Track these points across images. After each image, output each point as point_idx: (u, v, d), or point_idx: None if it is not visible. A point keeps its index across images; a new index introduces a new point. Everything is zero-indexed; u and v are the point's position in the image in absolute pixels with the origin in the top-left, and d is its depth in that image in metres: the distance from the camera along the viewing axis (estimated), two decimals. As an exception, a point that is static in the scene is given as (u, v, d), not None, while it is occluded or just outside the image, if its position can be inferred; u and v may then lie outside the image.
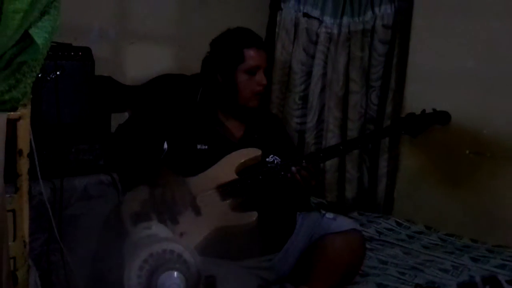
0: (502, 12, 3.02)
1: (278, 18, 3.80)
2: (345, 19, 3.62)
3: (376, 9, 3.51)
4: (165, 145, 2.38)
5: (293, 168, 2.29)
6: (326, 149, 2.45)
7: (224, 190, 2.28)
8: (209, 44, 2.50)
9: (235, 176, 2.31)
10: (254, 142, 2.43)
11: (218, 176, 2.31)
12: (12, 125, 1.58)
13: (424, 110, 2.51)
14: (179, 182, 2.23)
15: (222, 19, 3.42)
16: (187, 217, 2.20)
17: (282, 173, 2.32)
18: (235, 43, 2.42)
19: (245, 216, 2.24)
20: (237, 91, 2.40)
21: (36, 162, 1.87)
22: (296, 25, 3.76)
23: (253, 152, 2.37)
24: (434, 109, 2.52)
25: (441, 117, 2.53)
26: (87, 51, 2.50)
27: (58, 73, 2.33)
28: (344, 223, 2.39)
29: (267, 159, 2.42)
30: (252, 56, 2.40)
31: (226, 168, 2.32)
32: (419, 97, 3.25)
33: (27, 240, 1.72)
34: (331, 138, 3.67)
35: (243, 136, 2.47)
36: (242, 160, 2.34)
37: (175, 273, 1.58)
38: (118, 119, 2.89)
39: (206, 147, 2.39)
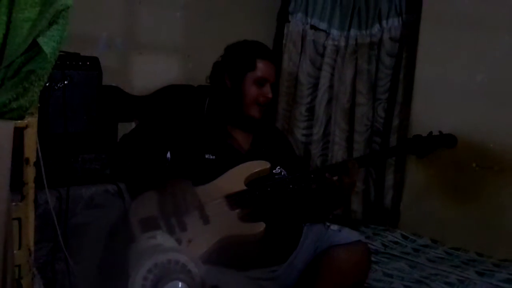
0: (510, 26, 3.02)
1: (285, 30, 3.81)
2: (352, 32, 3.63)
3: (384, 22, 3.51)
4: (168, 155, 2.40)
5: (327, 174, 2.33)
6: (332, 165, 2.46)
7: (233, 200, 2.29)
8: (224, 49, 2.54)
9: (243, 187, 2.32)
10: (261, 154, 2.45)
11: (227, 186, 2.32)
12: (19, 133, 1.60)
13: (431, 132, 2.51)
14: (188, 187, 2.23)
15: (229, 31, 3.44)
16: (195, 224, 2.21)
17: (291, 186, 2.34)
18: (249, 51, 2.47)
19: (253, 226, 2.24)
20: (242, 98, 2.42)
21: (43, 171, 1.88)
22: (303, 37, 3.77)
23: (262, 165, 2.38)
24: (440, 132, 2.53)
25: (448, 140, 2.53)
26: (95, 61, 2.51)
27: (65, 82, 2.34)
28: (349, 235, 2.38)
29: (274, 171, 2.44)
30: (263, 67, 2.43)
31: (235, 179, 2.33)
32: (426, 110, 3.25)
33: (32, 248, 1.72)
34: (337, 150, 3.67)
35: (251, 148, 2.49)
36: (252, 172, 2.36)
37: (180, 283, 1.59)
38: (125, 129, 2.90)
39: (214, 157, 2.40)
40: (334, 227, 2.41)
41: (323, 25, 3.74)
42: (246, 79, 2.42)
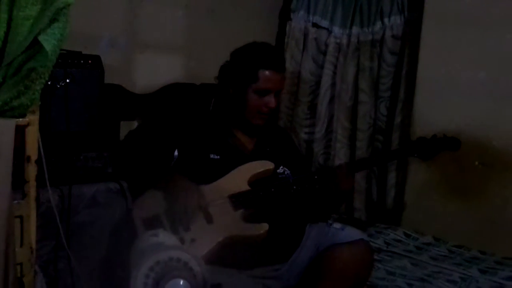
0: (512, 23, 3.02)
1: (287, 28, 3.80)
2: (355, 29, 3.62)
3: (386, 20, 3.50)
4: (176, 153, 2.40)
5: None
6: (337, 167, 2.46)
7: (236, 200, 2.29)
8: (230, 53, 2.52)
9: (247, 187, 2.32)
10: (265, 154, 2.45)
11: (231, 186, 2.32)
12: (20, 131, 1.59)
13: (435, 135, 2.51)
14: (192, 187, 2.23)
15: (231, 29, 3.44)
16: (199, 224, 2.21)
17: (294, 187, 2.34)
18: (252, 61, 2.42)
19: (256, 227, 2.24)
20: (245, 107, 2.42)
21: (45, 169, 1.88)
22: (306, 35, 3.77)
23: (266, 165, 2.39)
24: (444, 135, 2.53)
25: (452, 143, 2.53)
26: (97, 59, 2.51)
27: (68, 80, 2.34)
28: (352, 233, 2.38)
29: (278, 171, 2.44)
30: (266, 78, 2.40)
31: (239, 179, 2.34)
32: (428, 108, 3.25)
33: (34, 246, 1.72)
34: (340, 148, 3.66)
35: (255, 149, 2.49)
36: (255, 172, 2.36)
37: (181, 281, 1.59)
38: (127, 127, 2.91)
39: (218, 157, 2.40)
40: (337, 225, 2.41)
41: (325, 23, 3.74)
42: (249, 90, 2.40)
